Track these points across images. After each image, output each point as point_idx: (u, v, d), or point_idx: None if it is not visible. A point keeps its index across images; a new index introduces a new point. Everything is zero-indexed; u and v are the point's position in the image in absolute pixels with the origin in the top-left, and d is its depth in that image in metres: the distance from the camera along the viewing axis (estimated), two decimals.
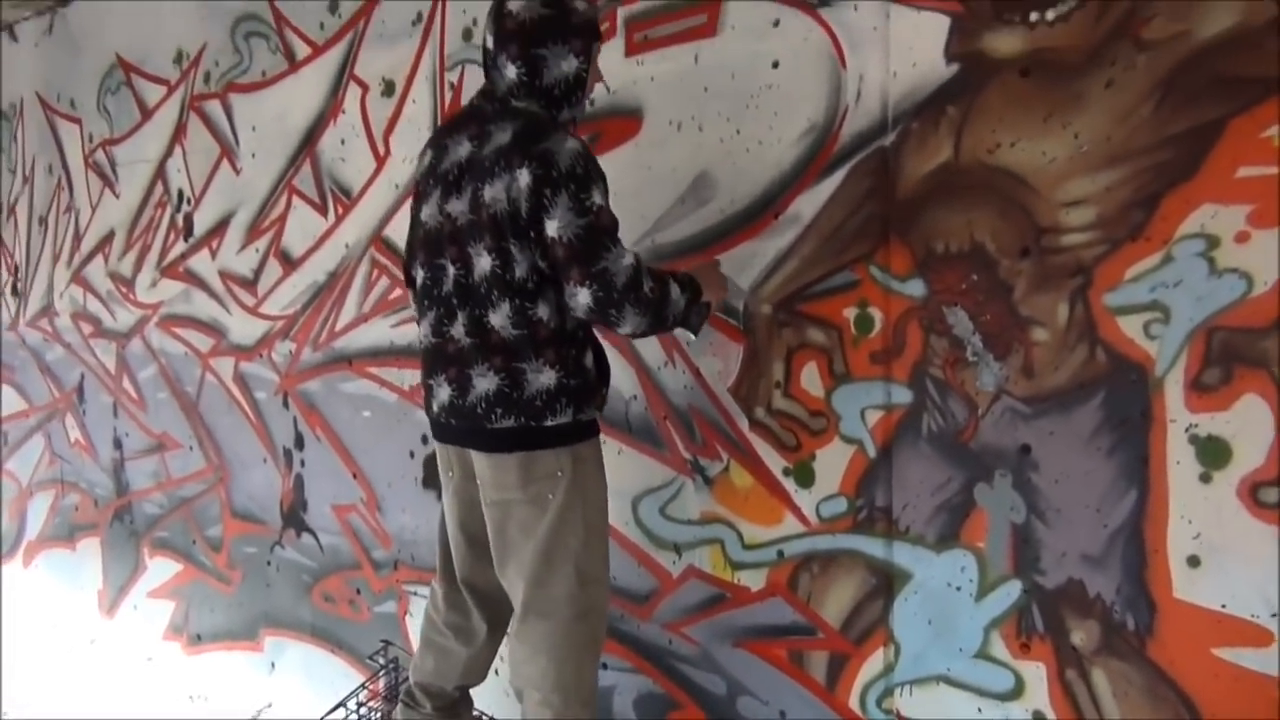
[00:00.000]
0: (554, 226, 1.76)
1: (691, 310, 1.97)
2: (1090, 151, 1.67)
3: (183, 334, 3.83)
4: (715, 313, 2.11)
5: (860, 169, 1.95)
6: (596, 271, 1.76)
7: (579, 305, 1.80)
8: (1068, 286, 1.71)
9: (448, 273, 1.92)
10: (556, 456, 1.91)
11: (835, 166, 1.98)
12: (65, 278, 4.49)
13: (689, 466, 2.30)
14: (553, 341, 1.87)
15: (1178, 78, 1.58)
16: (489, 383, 1.88)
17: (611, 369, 2.07)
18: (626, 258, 1.79)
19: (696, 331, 2.06)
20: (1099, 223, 1.67)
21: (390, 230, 2.93)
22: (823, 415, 2.05)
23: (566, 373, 1.89)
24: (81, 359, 4.48)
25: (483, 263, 1.85)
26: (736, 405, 2.19)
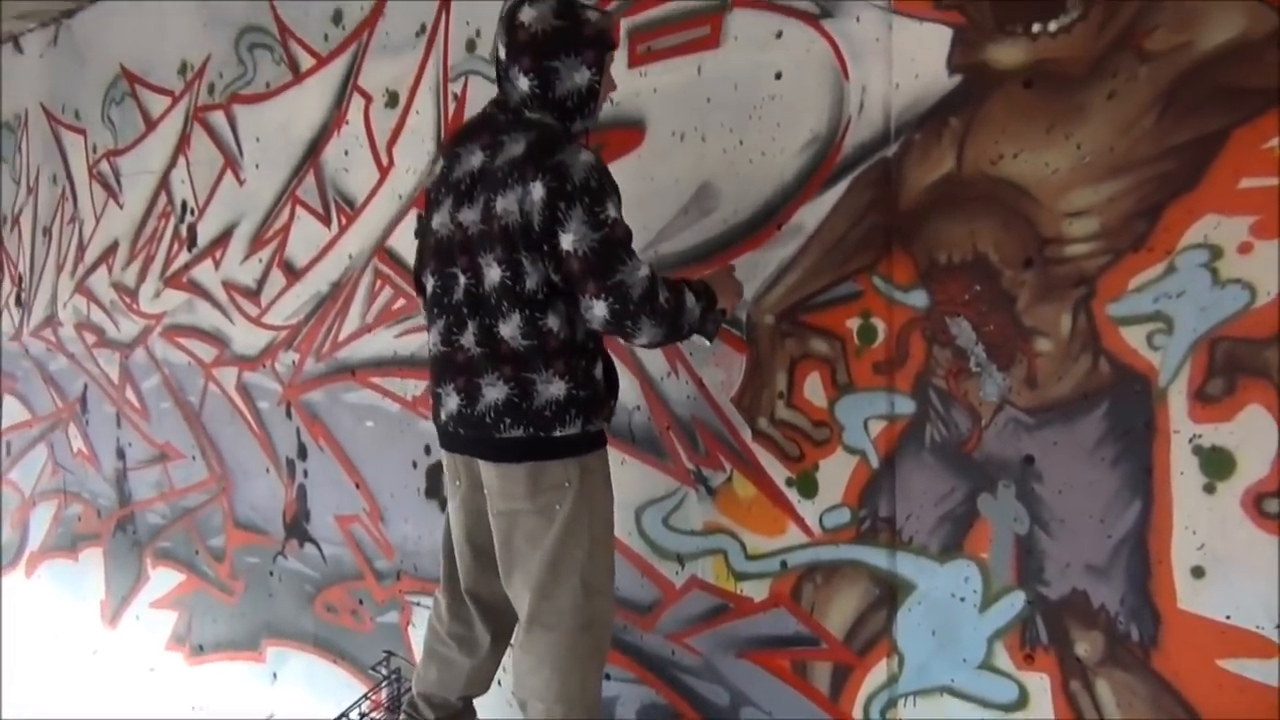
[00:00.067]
0: (569, 240, 1.76)
1: (707, 318, 1.95)
2: (1093, 162, 1.67)
3: (186, 344, 3.83)
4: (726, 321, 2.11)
5: (863, 180, 1.95)
6: (612, 284, 1.76)
7: (595, 318, 1.79)
8: (1071, 297, 1.71)
9: (458, 281, 1.92)
10: (565, 467, 1.90)
11: (838, 177, 1.99)
12: (69, 288, 4.50)
13: (692, 477, 2.30)
14: (563, 352, 1.86)
15: (1180, 89, 1.58)
16: (498, 392, 1.88)
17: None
18: (642, 270, 1.79)
19: (712, 339, 2.06)
20: (1102, 233, 1.67)
21: (393, 241, 2.94)
22: (826, 425, 2.05)
23: (576, 384, 1.88)
24: (85, 369, 4.48)
25: (493, 273, 1.84)
26: (739, 415, 2.19)
